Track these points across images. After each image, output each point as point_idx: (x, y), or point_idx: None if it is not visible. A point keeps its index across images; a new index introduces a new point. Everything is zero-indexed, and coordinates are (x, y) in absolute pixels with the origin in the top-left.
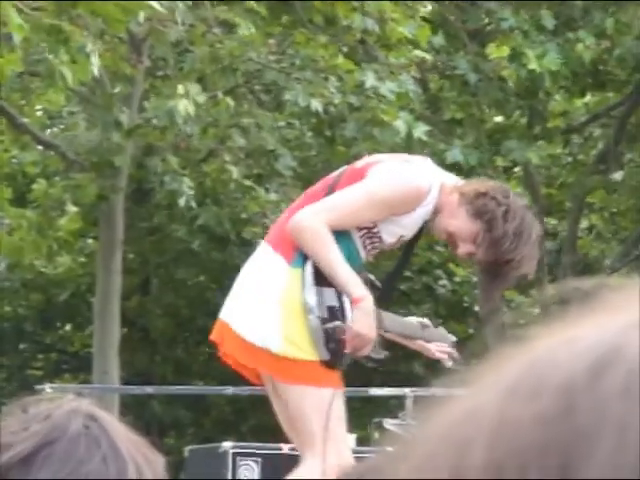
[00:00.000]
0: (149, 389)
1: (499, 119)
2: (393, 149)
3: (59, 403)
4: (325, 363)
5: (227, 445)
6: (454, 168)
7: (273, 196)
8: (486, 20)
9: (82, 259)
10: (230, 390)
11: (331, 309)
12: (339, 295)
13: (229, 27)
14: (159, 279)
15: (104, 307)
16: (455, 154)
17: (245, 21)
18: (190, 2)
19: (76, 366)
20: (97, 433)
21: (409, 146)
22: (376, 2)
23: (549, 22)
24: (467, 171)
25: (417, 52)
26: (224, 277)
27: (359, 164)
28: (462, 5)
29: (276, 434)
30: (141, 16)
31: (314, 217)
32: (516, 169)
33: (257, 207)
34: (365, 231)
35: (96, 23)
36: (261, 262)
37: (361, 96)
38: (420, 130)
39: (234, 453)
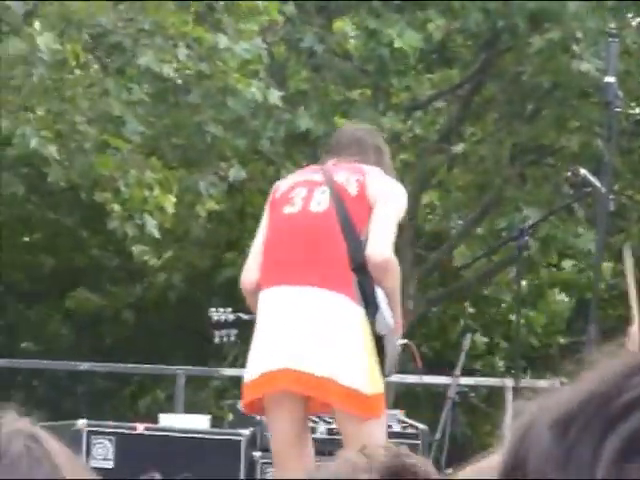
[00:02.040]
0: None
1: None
2: (240, 118)
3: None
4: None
5: (81, 423)
6: (303, 138)
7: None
8: None
9: None
10: (84, 366)
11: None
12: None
13: None
14: None
15: None
16: (307, 122)
17: None
18: None
19: None
20: (39, 454)
21: (257, 114)
22: None
23: None
24: (313, 141)
25: (266, 18)
26: (55, 239)
27: (358, 182)
28: None
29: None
30: None
31: (392, 255)
32: None
33: (105, 170)
34: None
35: None
36: (337, 310)
37: (211, 63)
38: (274, 96)
39: (89, 431)
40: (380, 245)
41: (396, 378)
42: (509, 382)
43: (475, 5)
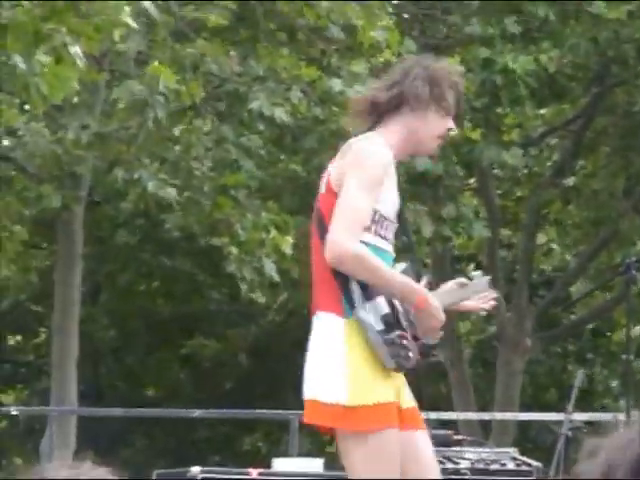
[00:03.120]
0: (117, 411)
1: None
2: None
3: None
4: (395, 370)
5: (195, 470)
6: (422, 178)
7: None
8: (445, 33)
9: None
10: (197, 413)
11: (385, 318)
12: (389, 300)
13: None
14: (108, 288)
15: (63, 322)
16: (425, 163)
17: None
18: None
19: (28, 376)
20: None
21: None
22: (340, 5)
23: (514, 28)
24: (433, 180)
25: (382, 58)
26: (173, 284)
27: (326, 174)
28: (422, 19)
29: (228, 447)
30: (116, 35)
31: (343, 244)
32: (471, 180)
33: (223, 213)
34: (373, 224)
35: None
36: (319, 331)
37: (325, 108)
38: None
39: (202, 478)
40: (330, 242)
41: (508, 416)
42: (621, 417)
43: (585, 35)
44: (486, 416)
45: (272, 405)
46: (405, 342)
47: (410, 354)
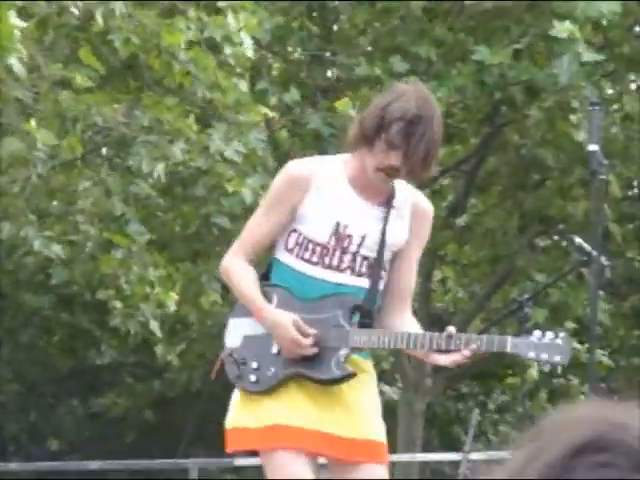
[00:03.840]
0: (13, 465)
1: None
2: (248, 208)
3: None
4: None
5: None
6: None
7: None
8: (335, 75)
9: None
10: (95, 465)
11: (246, 338)
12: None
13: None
14: (9, 343)
15: None
16: None
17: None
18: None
19: None
20: None
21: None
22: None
23: (401, 66)
24: None
25: (265, 110)
26: (73, 340)
27: None
28: (309, 61)
29: None
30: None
31: (225, 258)
32: None
33: (109, 269)
34: (296, 246)
35: None
36: None
37: (209, 159)
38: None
39: None
40: None
41: (406, 458)
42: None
43: (470, 78)
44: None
45: (178, 456)
46: (241, 361)
47: (244, 375)
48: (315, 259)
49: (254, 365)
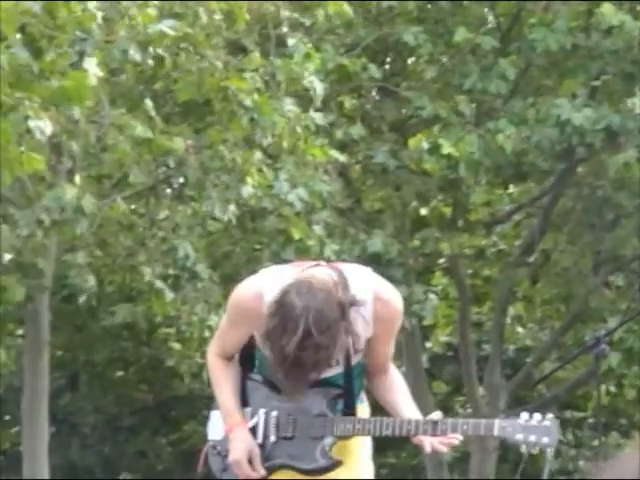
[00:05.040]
0: None
1: (423, 211)
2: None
3: None
4: None
5: None
6: (374, 259)
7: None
8: (406, 112)
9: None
10: None
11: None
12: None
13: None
14: (88, 376)
15: (32, 408)
16: (375, 243)
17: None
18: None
19: (4, 465)
20: None
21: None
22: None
23: (466, 108)
24: (386, 262)
25: (332, 152)
26: (151, 373)
27: None
28: (380, 97)
29: None
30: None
31: (209, 352)
32: (441, 260)
33: (171, 309)
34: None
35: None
36: None
37: (274, 199)
38: (330, 249)
39: None
40: None
41: None
42: None
43: (551, 119)
44: None
45: None
46: (214, 452)
47: (226, 468)
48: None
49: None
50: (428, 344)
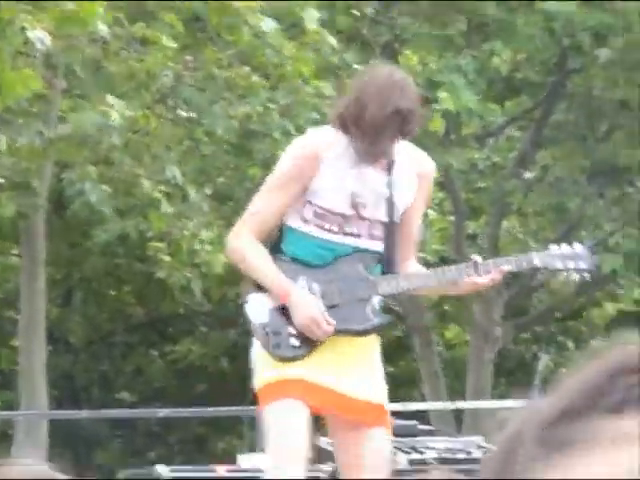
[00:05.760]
0: (84, 413)
1: None
2: None
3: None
4: (283, 359)
5: (161, 469)
6: None
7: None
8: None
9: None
10: (163, 412)
11: (273, 311)
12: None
13: (144, 45)
14: (82, 292)
15: (29, 327)
16: None
17: (162, 36)
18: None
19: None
20: None
21: None
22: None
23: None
24: None
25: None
26: (145, 288)
27: None
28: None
29: (202, 448)
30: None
31: (228, 240)
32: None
33: (163, 224)
34: (316, 218)
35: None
36: None
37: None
38: None
39: (172, 478)
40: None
41: (475, 405)
42: None
43: (538, 25)
44: (451, 406)
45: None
46: (274, 332)
47: (282, 343)
48: (335, 228)
49: (291, 331)
50: (421, 254)
